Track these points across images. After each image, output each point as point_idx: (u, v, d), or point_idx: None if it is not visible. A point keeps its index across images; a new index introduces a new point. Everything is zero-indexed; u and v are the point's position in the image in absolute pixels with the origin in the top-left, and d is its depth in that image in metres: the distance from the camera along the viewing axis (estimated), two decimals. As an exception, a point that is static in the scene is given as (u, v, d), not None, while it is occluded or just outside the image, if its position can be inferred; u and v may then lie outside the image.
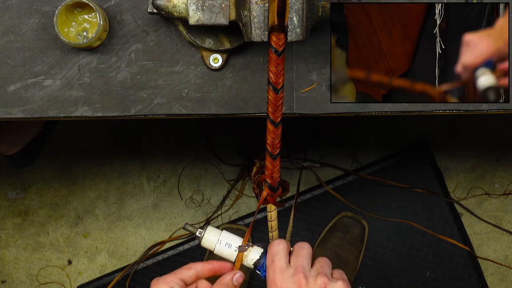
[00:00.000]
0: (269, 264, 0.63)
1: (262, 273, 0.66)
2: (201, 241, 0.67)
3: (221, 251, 0.67)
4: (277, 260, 0.62)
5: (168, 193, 1.50)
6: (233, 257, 0.67)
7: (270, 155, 0.61)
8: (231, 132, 1.48)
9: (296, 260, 0.62)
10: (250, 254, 0.66)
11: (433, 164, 1.44)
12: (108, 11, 0.67)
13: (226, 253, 0.67)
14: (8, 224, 1.51)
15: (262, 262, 0.66)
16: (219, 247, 0.67)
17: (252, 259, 0.66)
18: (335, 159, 1.47)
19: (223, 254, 0.67)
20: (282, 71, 0.56)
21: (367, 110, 0.69)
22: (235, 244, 0.67)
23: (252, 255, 0.66)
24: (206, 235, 0.67)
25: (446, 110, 0.69)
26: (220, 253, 0.67)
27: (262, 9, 0.55)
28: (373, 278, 1.42)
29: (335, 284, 0.60)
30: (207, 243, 0.67)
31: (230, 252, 0.67)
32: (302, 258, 0.62)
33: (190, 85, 0.69)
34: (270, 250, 0.64)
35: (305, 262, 0.62)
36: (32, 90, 0.68)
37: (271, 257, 0.63)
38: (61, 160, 1.50)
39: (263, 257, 0.66)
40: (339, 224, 1.37)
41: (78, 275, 1.50)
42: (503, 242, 1.48)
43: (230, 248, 0.67)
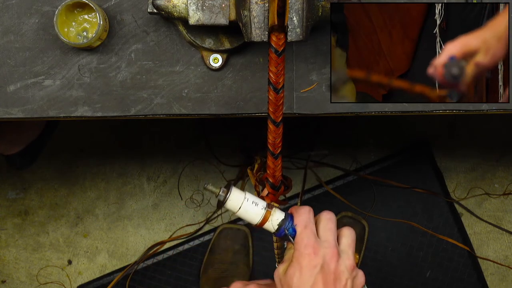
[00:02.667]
0: (302, 229, 0.62)
1: (290, 232, 0.63)
2: (227, 200, 0.64)
3: (248, 210, 0.64)
4: (311, 228, 0.62)
5: (168, 193, 1.50)
6: (259, 216, 0.64)
7: (271, 154, 0.61)
8: (231, 132, 1.48)
9: (325, 233, 0.63)
10: (276, 213, 0.64)
11: (433, 164, 1.44)
12: (108, 11, 0.67)
13: (252, 212, 0.64)
14: (8, 224, 1.51)
15: (287, 223, 0.64)
16: (246, 204, 0.64)
17: (278, 218, 0.64)
18: (335, 159, 1.47)
19: (249, 213, 0.64)
20: (282, 71, 0.56)
21: (367, 110, 0.69)
22: (261, 203, 0.64)
23: (277, 215, 0.64)
24: (233, 193, 0.63)
25: (446, 110, 0.69)
26: (246, 211, 0.64)
27: (262, 9, 0.55)
28: (373, 278, 1.42)
29: (359, 270, 0.62)
30: (234, 201, 0.64)
31: (256, 210, 0.64)
32: (332, 232, 0.63)
33: (190, 85, 0.69)
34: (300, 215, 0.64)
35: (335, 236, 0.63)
36: (32, 90, 0.68)
37: (303, 223, 0.62)
38: (61, 160, 1.50)
39: (287, 218, 0.64)
40: (339, 224, 1.37)
41: (78, 275, 1.50)
42: (503, 242, 1.48)
43: (257, 206, 0.64)
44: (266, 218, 0.64)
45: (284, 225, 0.64)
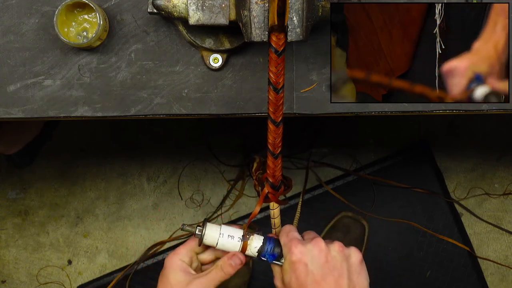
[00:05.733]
0: (286, 240, 0.64)
1: (268, 258, 0.66)
2: (203, 238, 0.67)
3: (224, 244, 0.67)
4: (293, 234, 0.65)
5: (168, 193, 1.50)
6: (236, 248, 0.67)
7: (271, 154, 0.61)
8: (231, 132, 1.48)
9: (308, 235, 0.66)
10: (253, 242, 0.67)
11: (433, 164, 1.44)
12: (108, 11, 0.67)
13: (230, 245, 0.67)
14: (8, 224, 1.51)
15: (266, 248, 0.66)
16: (222, 240, 0.67)
17: (256, 246, 0.67)
18: (335, 159, 1.47)
19: (226, 246, 0.67)
20: (282, 71, 0.56)
21: (367, 110, 0.69)
22: (237, 235, 0.67)
23: (255, 243, 0.67)
24: (207, 231, 0.67)
25: (446, 110, 0.69)
26: (223, 245, 0.67)
27: (262, 9, 0.55)
28: (373, 278, 1.41)
29: (350, 248, 0.65)
30: (209, 238, 0.67)
31: (233, 243, 0.67)
32: (314, 233, 0.67)
33: (190, 85, 0.69)
34: (283, 229, 0.67)
35: (318, 235, 0.66)
36: (32, 90, 0.68)
37: (285, 234, 0.65)
38: (61, 160, 1.50)
39: (266, 243, 0.67)
40: (339, 224, 1.37)
41: (78, 275, 1.50)
42: (503, 242, 1.48)
43: (233, 239, 0.67)
44: (245, 248, 0.67)
45: (264, 251, 0.67)
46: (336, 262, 0.62)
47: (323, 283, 0.61)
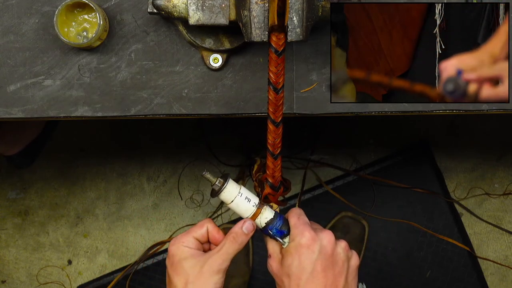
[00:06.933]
0: (297, 223, 0.64)
1: (276, 233, 0.65)
2: (221, 192, 0.64)
3: (239, 205, 0.65)
4: (304, 219, 0.65)
5: (168, 193, 1.50)
6: (248, 212, 0.65)
7: (271, 154, 0.61)
8: (231, 132, 1.48)
9: (315, 225, 0.67)
10: (266, 212, 0.66)
11: (433, 164, 1.44)
12: (108, 11, 0.67)
13: (243, 207, 0.65)
14: (8, 224, 1.51)
15: (275, 222, 0.65)
16: (239, 199, 0.65)
17: (267, 217, 0.65)
18: (335, 159, 1.47)
19: (239, 207, 0.65)
20: (282, 71, 0.56)
21: (367, 110, 0.69)
22: (253, 200, 0.65)
23: (267, 214, 0.65)
24: (229, 186, 0.64)
25: (446, 110, 0.69)
26: (237, 205, 0.65)
27: (262, 9, 0.55)
28: (373, 278, 1.42)
29: (353, 251, 0.66)
30: (227, 194, 0.64)
31: (248, 206, 0.65)
32: (320, 226, 0.68)
33: (190, 85, 0.69)
34: (293, 211, 0.67)
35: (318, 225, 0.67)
36: (32, 90, 0.68)
37: (296, 215, 0.65)
38: (61, 160, 1.50)
39: (276, 218, 0.65)
40: (339, 224, 1.37)
41: (78, 275, 1.50)
42: (503, 242, 1.48)
43: (249, 202, 0.65)
44: (256, 215, 0.65)
45: (272, 224, 0.65)
46: (339, 259, 0.62)
47: (322, 275, 0.60)
